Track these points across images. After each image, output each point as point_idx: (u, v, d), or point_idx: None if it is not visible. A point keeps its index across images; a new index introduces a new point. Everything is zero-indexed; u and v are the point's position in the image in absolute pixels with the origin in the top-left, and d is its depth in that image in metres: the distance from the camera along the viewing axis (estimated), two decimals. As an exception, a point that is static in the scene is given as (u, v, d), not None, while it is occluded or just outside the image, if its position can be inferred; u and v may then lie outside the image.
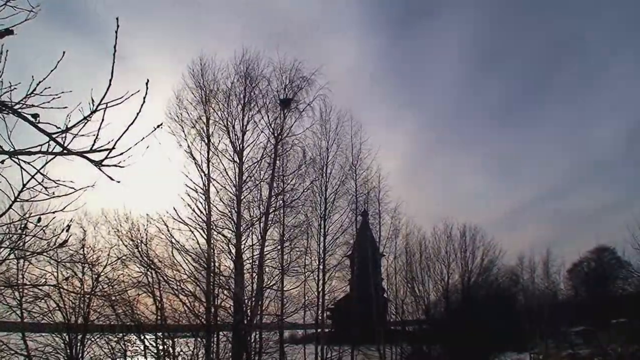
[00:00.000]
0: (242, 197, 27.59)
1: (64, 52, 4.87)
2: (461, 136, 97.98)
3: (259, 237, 28.20)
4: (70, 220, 7.44)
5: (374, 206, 41.76)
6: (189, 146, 27.53)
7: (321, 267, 35.81)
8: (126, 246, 26.78)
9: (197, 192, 27.07)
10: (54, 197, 5.35)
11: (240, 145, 28.14)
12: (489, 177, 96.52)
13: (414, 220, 49.99)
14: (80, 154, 4.16)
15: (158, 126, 4.39)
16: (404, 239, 45.48)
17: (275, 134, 29.61)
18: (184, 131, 27.71)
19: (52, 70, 4.81)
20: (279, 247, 30.28)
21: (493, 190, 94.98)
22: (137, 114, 4.14)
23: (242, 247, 27.26)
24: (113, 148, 4.10)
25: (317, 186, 35.90)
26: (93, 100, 4.43)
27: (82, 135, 4.49)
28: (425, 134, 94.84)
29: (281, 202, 30.89)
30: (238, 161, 27.94)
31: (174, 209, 26.22)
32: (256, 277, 27.61)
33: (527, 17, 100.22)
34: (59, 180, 4.88)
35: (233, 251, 27.11)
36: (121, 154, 4.19)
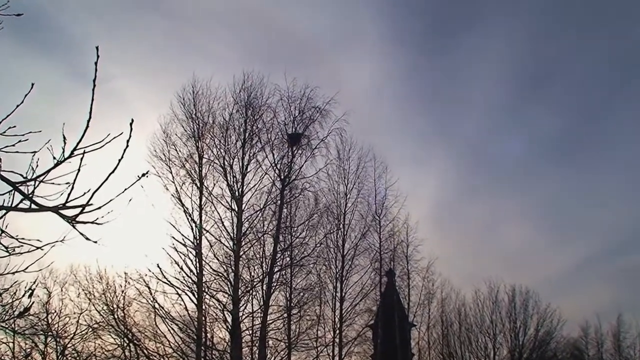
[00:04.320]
0: (240, 253, 27.59)
1: (32, 85, 4.92)
2: (505, 177, 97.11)
3: (261, 303, 28.05)
4: (34, 283, 7.43)
5: (402, 264, 41.48)
6: (177, 190, 27.74)
7: (337, 340, 35.37)
8: (99, 312, 26.81)
9: (186, 246, 27.14)
10: (14, 254, 5.36)
11: (240, 190, 28.29)
12: (541, 228, 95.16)
13: (451, 282, 49.49)
14: (51, 209, 4.20)
15: (143, 175, 4.43)
16: (439, 305, 45.08)
17: (282, 176, 29.77)
18: (171, 172, 28.00)
19: (18, 106, 4.86)
20: (285, 315, 30.07)
21: (547, 243, 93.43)
22: (119, 160, 4.18)
23: (240, 314, 27.13)
24: (88, 203, 4.13)
25: (332, 240, 35.72)
26: (65, 139, 4.47)
27: (53, 182, 4.53)
28: (460, 173, 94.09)
29: (288, 259, 30.82)
30: (236, 209, 28.03)
31: (158, 266, 26.28)
32: (257, 352, 27.37)
33: (587, 31, 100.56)
34: (23, 239, 4.91)
35: (229, 319, 26.97)
36: (99, 208, 4.23)
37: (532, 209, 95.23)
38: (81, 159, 4.18)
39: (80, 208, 4.13)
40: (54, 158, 4.44)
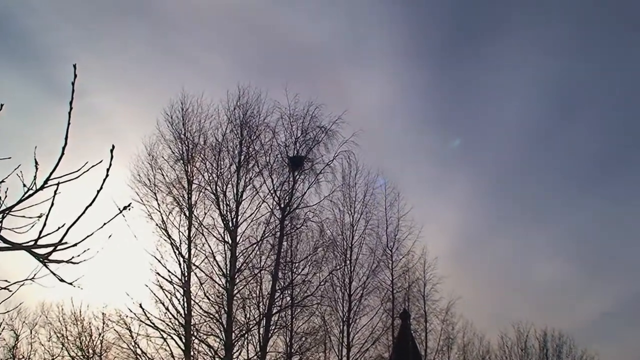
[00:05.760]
0: (234, 292, 27.49)
1: (1, 105, 4.97)
2: (535, 206, 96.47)
3: (257, 349, 27.91)
4: (0, 325, 7.43)
5: (418, 305, 41.20)
6: (163, 219, 27.72)
7: (344, 391, 35.15)
8: (73, 358, 26.67)
9: (172, 283, 27.07)
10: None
11: (234, 220, 28.26)
12: (577, 264, 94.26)
13: (474, 326, 49.14)
14: (21, 247, 4.20)
15: (125, 208, 4.45)
16: (461, 351, 44.72)
17: (282, 205, 29.73)
18: (156, 199, 28.00)
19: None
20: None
21: (583, 281, 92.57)
22: (98, 192, 4.20)
23: (234, 362, 27.00)
24: (61, 241, 4.13)
25: (338, 277, 35.59)
26: (37, 164, 4.48)
27: (23, 215, 4.54)
28: (485, 202, 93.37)
29: (289, 299, 30.70)
30: (230, 241, 27.98)
31: (140, 306, 26.19)
32: (253, 404, 27.22)
33: (630, 48, 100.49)
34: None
35: (221, 367, 26.84)
36: (74, 245, 4.23)
37: (567, 242, 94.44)
38: (55, 190, 4.19)
39: (53, 246, 4.14)
40: (25, 186, 4.45)
